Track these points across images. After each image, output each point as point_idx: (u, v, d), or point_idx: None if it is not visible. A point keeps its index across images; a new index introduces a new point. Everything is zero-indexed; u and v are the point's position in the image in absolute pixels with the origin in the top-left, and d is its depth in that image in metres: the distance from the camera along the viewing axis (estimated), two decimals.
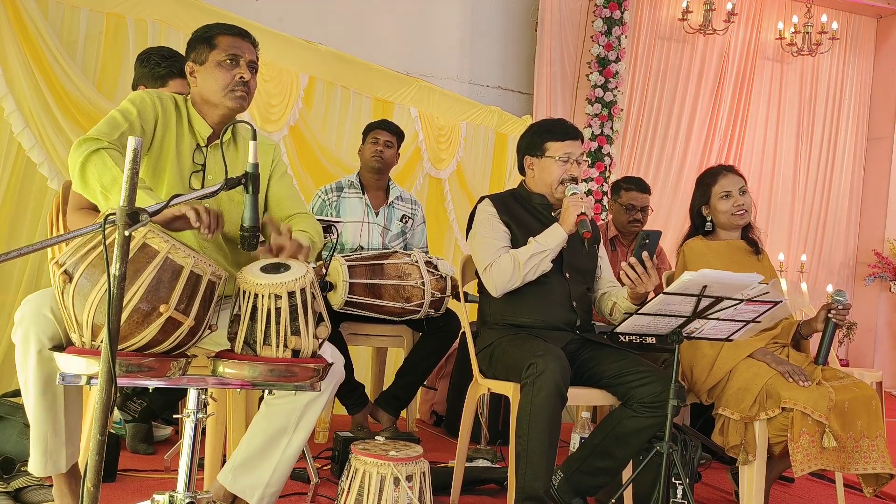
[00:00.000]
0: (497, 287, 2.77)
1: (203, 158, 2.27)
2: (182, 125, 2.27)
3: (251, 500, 2.21)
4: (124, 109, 2.17)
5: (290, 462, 2.23)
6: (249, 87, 2.27)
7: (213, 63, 2.24)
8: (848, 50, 7.20)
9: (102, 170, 1.97)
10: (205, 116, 2.28)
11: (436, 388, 4.56)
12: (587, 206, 2.72)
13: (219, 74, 2.24)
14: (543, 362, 2.50)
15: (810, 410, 2.65)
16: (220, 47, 2.25)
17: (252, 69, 2.29)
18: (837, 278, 7.18)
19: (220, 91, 2.24)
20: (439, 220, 5.38)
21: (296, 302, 1.90)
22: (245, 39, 2.29)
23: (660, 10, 6.45)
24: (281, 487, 2.26)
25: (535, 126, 2.98)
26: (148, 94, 2.24)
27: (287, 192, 2.42)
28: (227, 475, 2.22)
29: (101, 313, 1.73)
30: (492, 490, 3.19)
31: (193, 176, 2.25)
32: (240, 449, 2.23)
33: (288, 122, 4.75)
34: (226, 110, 2.27)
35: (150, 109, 2.21)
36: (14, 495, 2.58)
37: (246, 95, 2.26)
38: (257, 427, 2.22)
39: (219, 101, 2.25)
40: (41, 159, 3.88)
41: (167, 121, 2.24)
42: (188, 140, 2.27)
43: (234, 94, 2.24)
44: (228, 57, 2.24)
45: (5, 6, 3.86)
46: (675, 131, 6.56)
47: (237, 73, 2.24)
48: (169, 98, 2.28)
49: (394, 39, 5.50)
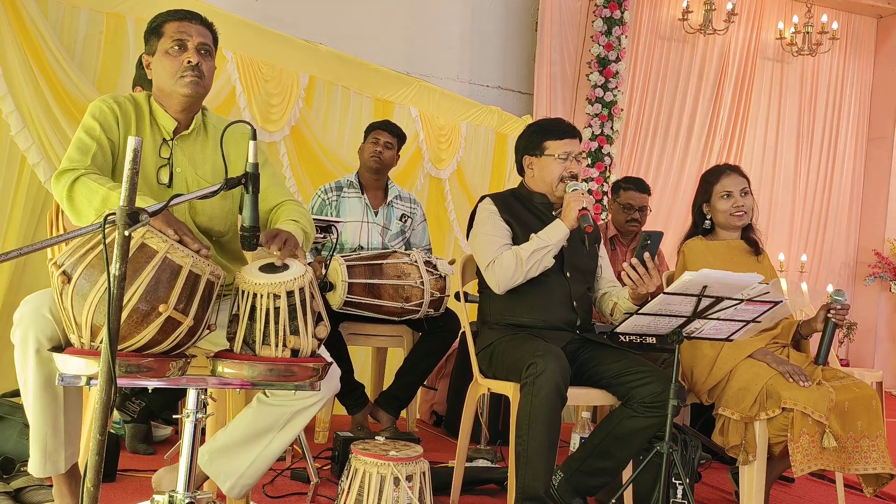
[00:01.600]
0: (500, 283, 2.76)
1: (169, 151, 2.25)
2: (143, 123, 2.25)
3: (223, 485, 2.21)
4: (88, 128, 2.16)
5: (269, 459, 2.22)
6: (202, 71, 2.21)
7: (161, 52, 2.22)
8: (848, 50, 7.20)
9: (89, 195, 1.97)
10: (167, 109, 2.26)
11: (436, 388, 4.56)
12: (588, 202, 2.72)
13: (167, 62, 2.20)
14: (543, 362, 2.50)
15: (810, 410, 2.65)
16: (166, 34, 2.21)
17: (203, 51, 2.23)
18: (837, 278, 7.18)
19: (171, 79, 2.20)
20: (439, 220, 5.38)
21: (294, 301, 1.90)
22: (193, 22, 2.23)
23: (660, 10, 6.45)
24: (255, 481, 2.25)
25: (532, 126, 2.98)
26: (104, 101, 2.22)
27: (270, 181, 2.35)
28: (203, 455, 2.21)
29: (100, 314, 1.73)
30: (492, 490, 3.19)
31: (161, 170, 2.23)
32: (222, 433, 2.23)
33: (289, 122, 4.75)
34: (181, 98, 2.22)
35: (111, 118, 2.19)
36: (14, 495, 2.58)
37: (198, 79, 2.21)
38: (244, 419, 2.22)
39: (171, 90, 2.22)
40: (37, 159, 3.87)
41: (127, 123, 2.22)
42: (151, 136, 2.25)
43: (183, 80, 2.19)
44: (175, 43, 2.20)
45: (5, 6, 3.86)
46: (675, 131, 6.56)
47: (185, 59, 2.19)
48: (127, 100, 2.26)
49: (394, 39, 5.50)
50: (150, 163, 2.23)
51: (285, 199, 2.35)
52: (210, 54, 2.26)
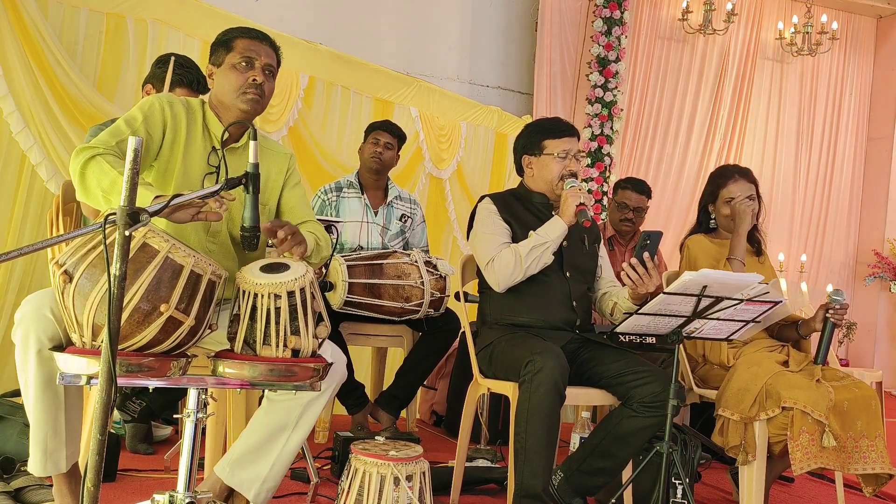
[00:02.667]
0: (500, 281, 2.77)
1: (218, 160, 2.26)
2: (195, 128, 2.28)
3: (248, 494, 2.21)
4: (130, 117, 2.18)
5: (288, 459, 2.23)
6: (263, 90, 2.28)
7: (228, 65, 2.27)
8: (848, 50, 7.20)
9: (101, 175, 1.97)
10: (220, 118, 2.30)
11: (436, 388, 4.56)
12: (586, 197, 2.72)
13: (232, 76, 2.26)
14: (541, 360, 2.50)
15: (810, 409, 2.65)
16: (235, 49, 2.27)
17: (268, 72, 2.30)
18: (837, 278, 7.18)
19: (233, 93, 2.25)
20: (440, 220, 5.38)
21: (295, 301, 1.90)
22: (263, 42, 2.31)
23: (660, 10, 6.45)
24: (278, 483, 2.26)
25: (531, 125, 2.98)
26: (158, 99, 2.24)
27: (298, 201, 2.43)
28: (224, 468, 2.22)
29: (101, 313, 1.73)
30: (492, 490, 3.19)
31: (207, 178, 2.25)
32: (239, 443, 2.23)
33: (287, 122, 4.75)
34: (238, 112, 2.27)
35: (159, 115, 2.21)
36: (14, 495, 2.58)
37: (259, 98, 2.27)
38: (257, 422, 2.22)
39: (231, 103, 2.27)
40: (39, 159, 3.88)
41: (177, 126, 2.24)
42: (201, 143, 2.28)
43: (245, 96, 2.25)
44: (243, 59, 2.26)
45: (5, 6, 3.86)
46: (675, 131, 6.56)
47: (250, 76, 2.25)
48: (179, 102, 2.28)
49: (394, 39, 5.50)
50: (196, 168, 2.25)
51: (308, 220, 2.41)
52: (273, 75, 2.33)
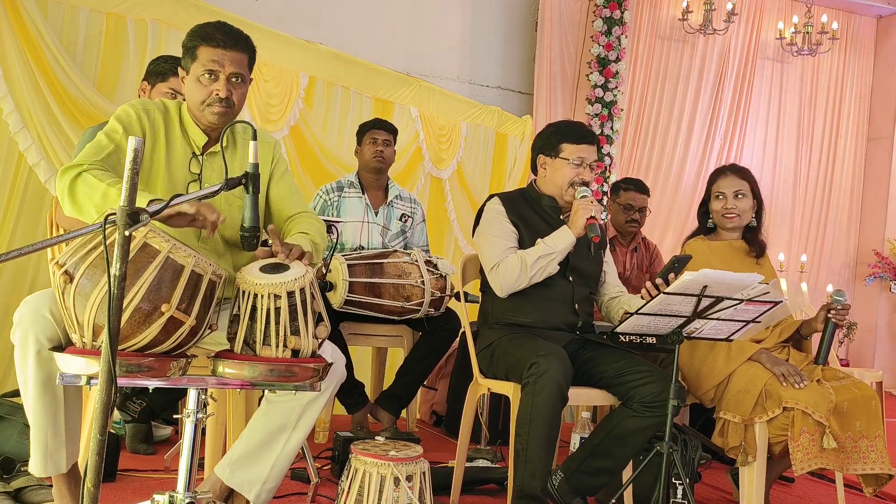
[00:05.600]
0: (503, 287, 2.77)
1: (199, 167, 2.24)
2: (174, 133, 2.24)
3: (249, 495, 2.21)
4: (110, 129, 2.15)
5: (288, 459, 2.23)
6: (231, 101, 2.20)
7: (193, 76, 2.20)
8: (848, 50, 7.20)
9: (89, 190, 1.96)
10: (197, 123, 2.26)
11: (436, 388, 4.56)
12: (597, 211, 2.72)
13: (196, 89, 2.19)
14: (546, 362, 2.50)
15: (811, 410, 2.65)
16: (199, 60, 2.18)
17: (235, 81, 2.20)
18: (838, 278, 7.18)
19: (198, 105, 2.20)
20: (439, 220, 5.38)
21: (295, 302, 1.90)
22: (229, 49, 2.18)
23: (660, 10, 6.45)
24: (278, 484, 2.26)
25: (552, 126, 2.97)
26: (133, 106, 2.21)
27: (288, 191, 2.38)
28: (224, 469, 2.22)
29: (102, 313, 1.73)
30: (492, 490, 3.19)
31: (191, 185, 2.23)
32: (239, 443, 2.23)
33: (288, 122, 4.75)
34: (207, 123, 2.24)
35: (137, 124, 2.18)
36: (14, 495, 2.58)
37: (227, 111, 2.20)
38: (257, 423, 2.22)
39: (199, 115, 2.23)
40: (37, 159, 3.87)
41: (155, 132, 2.21)
42: (182, 148, 2.25)
43: (211, 109, 2.19)
44: (206, 71, 2.17)
45: (5, 6, 3.86)
46: (675, 131, 6.56)
47: (213, 90, 2.17)
48: (156, 107, 2.24)
49: (394, 39, 5.50)
50: (179, 175, 2.23)
51: (301, 211, 2.37)
52: (243, 80, 2.23)
